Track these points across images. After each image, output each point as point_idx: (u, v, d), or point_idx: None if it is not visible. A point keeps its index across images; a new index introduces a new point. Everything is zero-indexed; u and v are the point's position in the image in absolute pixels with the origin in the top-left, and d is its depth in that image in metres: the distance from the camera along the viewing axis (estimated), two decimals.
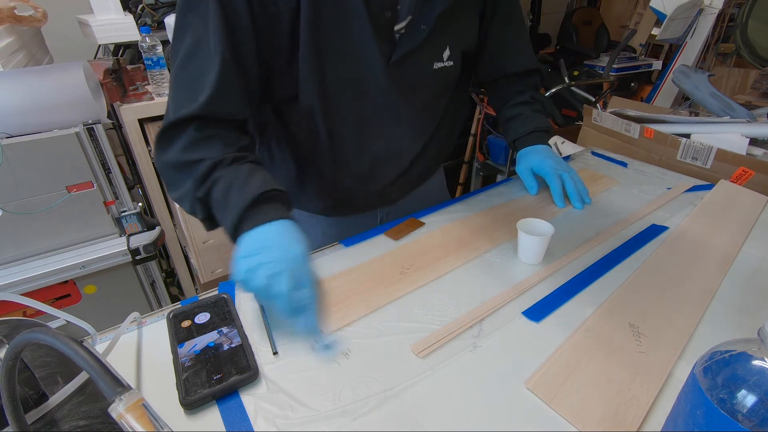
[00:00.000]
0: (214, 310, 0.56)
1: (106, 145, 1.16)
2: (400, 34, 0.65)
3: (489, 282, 0.63)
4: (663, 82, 2.16)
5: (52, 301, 1.20)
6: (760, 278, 0.63)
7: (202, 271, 1.35)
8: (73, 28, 1.47)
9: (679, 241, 0.71)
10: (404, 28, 0.64)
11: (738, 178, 0.90)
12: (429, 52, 0.69)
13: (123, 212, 1.24)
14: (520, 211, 0.81)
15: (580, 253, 0.69)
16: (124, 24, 1.34)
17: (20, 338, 0.32)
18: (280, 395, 0.46)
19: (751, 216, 0.78)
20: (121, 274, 1.27)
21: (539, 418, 0.43)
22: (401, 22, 0.64)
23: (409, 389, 0.46)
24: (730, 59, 2.31)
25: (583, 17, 2.68)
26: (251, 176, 0.55)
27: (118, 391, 0.30)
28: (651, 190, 0.89)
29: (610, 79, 2.10)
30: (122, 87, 1.28)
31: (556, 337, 0.52)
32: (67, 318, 0.50)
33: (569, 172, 0.83)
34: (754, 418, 0.28)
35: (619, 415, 0.42)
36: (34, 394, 0.38)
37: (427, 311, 0.57)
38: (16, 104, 1.05)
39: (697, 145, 0.95)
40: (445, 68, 0.72)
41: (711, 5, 1.96)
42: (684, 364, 0.49)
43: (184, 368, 0.48)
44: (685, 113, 1.25)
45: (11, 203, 1.07)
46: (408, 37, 0.65)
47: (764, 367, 0.28)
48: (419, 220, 0.79)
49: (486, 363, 0.50)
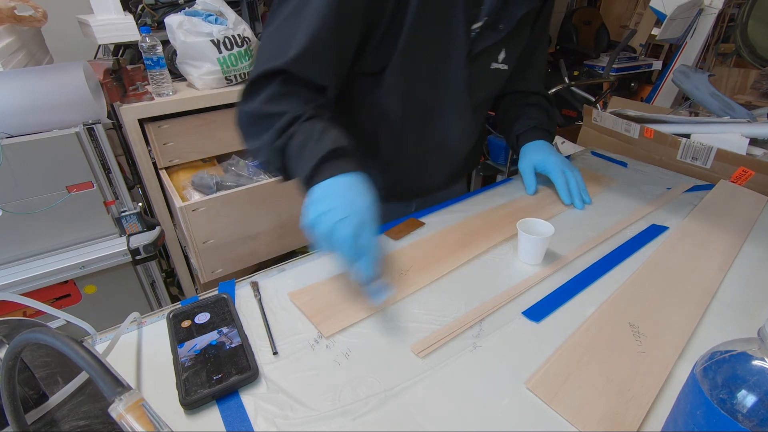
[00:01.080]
0: (214, 310, 0.56)
1: (106, 145, 1.15)
2: (476, 32, 0.69)
3: (489, 282, 0.63)
4: (663, 82, 2.16)
5: (52, 301, 1.20)
6: (760, 278, 0.63)
7: (202, 271, 1.35)
8: (73, 28, 1.47)
9: (679, 241, 0.71)
10: (479, 28, 0.69)
11: (738, 178, 0.90)
12: (491, 53, 0.74)
13: (123, 212, 1.23)
14: (520, 211, 0.81)
15: (580, 252, 0.69)
16: (124, 24, 1.34)
17: (20, 338, 0.32)
18: (280, 395, 0.46)
19: (751, 216, 0.78)
20: (121, 274, 1.27)
21: (539, 418, 0.43)
22: (479, 21, 0.69)
23: (409, 389, 0.46)
24: (730, 59, 2.31)
25: (583, 17, 2.68)
26: (326, 132, 0.58)
27: (118, 391, 0.30)
28: (651, 190, 0.89)
29: (610, 79, 2.10)
30: (122, 87, 1.27)
31: (556, 337, 0.52)
32: (67, 318, 0.50)
33: (573, 171, 0.83)
34: (754, 418, 0.28)
35: (619, 415, 0.42)
36: (34, 394, 0.38)
37: (427, 311, 0.57)
38: (16, 104, 1.05)
39: (697, 145, 0.95)
40: (499, 70, 0.76)
41: (711, 5, 1.96)
42: (684, 364, 0.49)
43: (184, 368, 0.48)
44: (685, 113, 1.25)
45: (11, 203, 1.07)
46: (487, 34, 0.70)
47: (764, 367, 0.28)
48: (419, 220, 0.79)
49: (486, 363, 0.50)
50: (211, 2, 1.35)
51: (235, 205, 1.29)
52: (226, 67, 1.36)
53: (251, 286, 0.63)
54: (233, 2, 1.60)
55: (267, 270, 0.67)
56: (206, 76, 1.35)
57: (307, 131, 0.58)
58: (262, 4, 1.83)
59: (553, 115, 0.89)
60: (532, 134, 0.86)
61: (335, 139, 0.58)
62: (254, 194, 1.32)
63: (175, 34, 1.29)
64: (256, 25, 1.77)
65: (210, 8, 1.35)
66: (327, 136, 0.57)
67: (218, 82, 1.38)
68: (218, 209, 1.27)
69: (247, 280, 0.65)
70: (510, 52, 0.76)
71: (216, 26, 1.31)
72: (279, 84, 0.60)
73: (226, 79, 1.39)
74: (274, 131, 0.59)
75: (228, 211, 1.29)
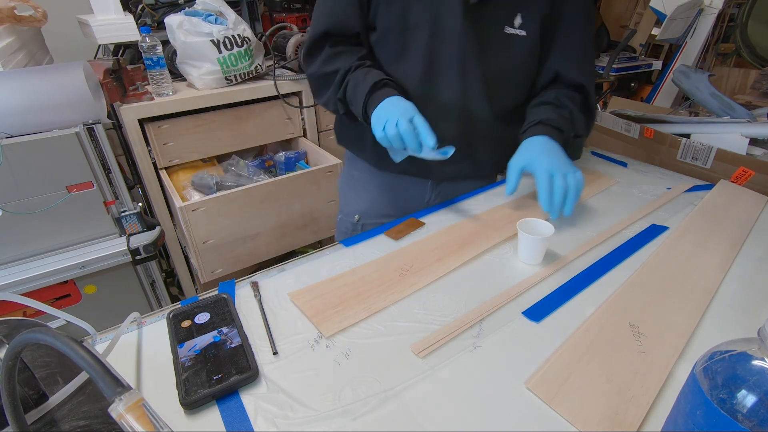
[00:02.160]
0: (214, 310, 0.56)
1: (106, 145, 1.15)
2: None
3: (489, 282, 0.63)
4: (663, 82, 2.16)
5: (52, 301, 1.20)
6: (760, 278, 0.63)
7: (202, 271, 1.35)
8: (73, 28, 1.47)
9: (679, 241, 0.71)
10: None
11: (738, 178, 0.90)
12: (500, 14, 0.74)
13: (123, 212, 1.23)
14: (520, 211, 0.81)
15: (579, 253, 0.69)
16: (124, 24, 1.34)
17: (20, 338, 0.32)
18: (280, 395, 0.46)
19: (751, 216, 0.78)
20: (121, 274, 1.27)
21: (539, 418, 0.43)
22: None
23: (409, 389, 0.46)
24: (730, 59, 2.31)
25: None
26: (368, 75, 0.75)
27: (118, 391, 0.30)
28: (651, 190, 0.89)
29: (610, 79, 2.10)
30: (122, 87, 1.27)
31: (556, 337, 0.52)
32: (67, 318, 0.50)
33: (565, 176, 0.71)
34: (754, 418, 0.28)
35: (619, 415, 0.42)
36: (34, 394, 0.38)
37: (427, 311, 0.57)
38: (16, 104, 1.05)
39: (697, 145, 0.95)
40: (517, 36, 0.76)
41: (711, 5, 1.96)
42: (684, 364, 0.49)
43: (184, 368, 0.48)
44: (685, 113, 1.25)
45: (11, 203, 1.07)
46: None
47: (764, 367, 0.28)
48: (419, 220, 0.79)
49: (486, 363, 0.50)
50: (211, 2, 1.35)
51: (235, 205, 1.29)
52: (226, 67, 1.36)
53: (251, 286, 0.63)
54: (233, 2, 1.60)
55: (267, 270, 0.67)
56: (206, 76, 1.35)
57: (356, 78, 0.76)
58: (262, 4, 1.83)
59: (576, 116, 0.80)
60: (533, 130, 0.78)
61: (374, 76, 0.74)
62: (254, 194, 1.32)
63: (175, 34, 1.29)
64: (256, 25, 1.77)
65: (210, 8, 1.35)
66: (368, 78, 0.74)
67: (218, 82, 1.38)
68: (218, 209, 1.27)
69: (247, 280, 0.65)
70: (528, 18, 0.74)
71: (216, 26, 1.31)
72: (329, 46, 0.79)
73: (226, 79, 1.39)
74: (334, 86, 0.78)
75: (228, 211, 1.29)
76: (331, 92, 0.79)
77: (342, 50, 0.79)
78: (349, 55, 0.78)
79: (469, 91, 0.79)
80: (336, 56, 0.78)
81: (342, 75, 0.77)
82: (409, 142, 0.68)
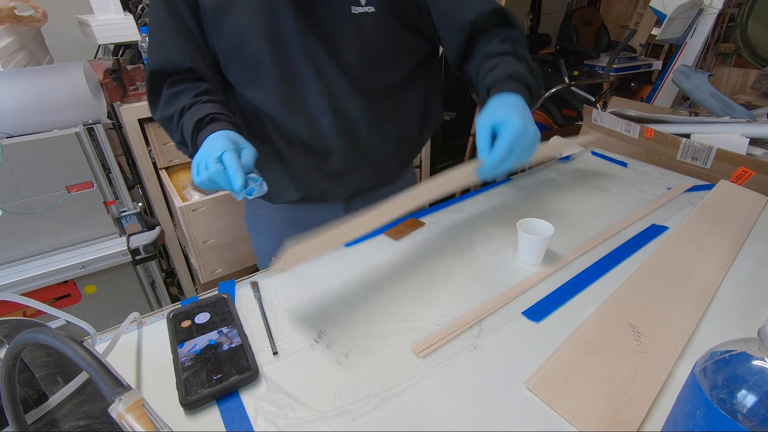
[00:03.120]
0: (214, 310, 0.56)
1: (106, 145, 1.15)
2: None
3: (489, 282, 0.63)
4: (663, 82, 2.16)
5: (52, 301, 1.20)
6: (760, 278, 0.63)
7: (202, 271, 1.35)
8: (73, 28, 1.47)
9: (679, 241, 0.71)
10: None
11: (738, 178, 0.90)
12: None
13: (123, 212, 1.24)
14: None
15: (580, 253, 0.69)
16: (124, 24, 1.34)
17: (20, 338, 0.32)
18: (280, 395, 0.46)
19: (751, 216, 0.78)
20: (121, 274, 1.27)
21: (539, 418, 0.43)
22: None
23: (409, 389, 0.46)
24: (730, 59, 2.31)
25: (583, 17, 2.68)
26: (195, 113, 0.65)
27: (118, 391, 0.30)
28: (651, 190, 0.89)
29: (610, 79, 2.10)
30: (122, 87, 1.28)
31: (556, 337, 0.52)
32: (67, 318, 0.50)
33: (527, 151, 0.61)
34: (754, 418, 0.28)
35: (619, 415, 0.42)
36: (34, 394, 0.38)
37: (427, 311, 0.57)
38: (16, 104, 1.05)
39: (697, 145, 0.95)
40: (366, 14, 0.67)
41: (711, 5, 1.96)
42: (684, 364, 0.49)
43: (184, 368, 0.48)
44: (685, 113, 1.25)
45: (11, 203, 1.07)
46: None
47: (764, 367, 0.28)
48: (419, 220, 0.79)
49: (486, 363, 0.50)
50: None
51: (235, 205, 1.29)
52: None
53: (251, 286, 0.63)
54: None
55: (267, 270, 0.67)
56: None
57: (186, 119, 0.66)
58: None
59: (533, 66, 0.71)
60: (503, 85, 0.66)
61: (200, 113, 0.65)
62: None
63: None
64: None
65: None
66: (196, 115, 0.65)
67: None
68: (218, 209, 1.27)
69: (247, 280, 0.65)
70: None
71: None
72: (167, 88, 0.69)
73: None
74: (173, 131, 0.69)
75: (228, 211, 1.29)
76: (175, 136, 0.69)
77: (181, 89, 0.69)
78: (185, 94, 0.68)
79: (332, 88, 0.71)
80: (174, 97, 0.69)
81: (177, 117, 0.68)
82: (222, 184, 0.58)
